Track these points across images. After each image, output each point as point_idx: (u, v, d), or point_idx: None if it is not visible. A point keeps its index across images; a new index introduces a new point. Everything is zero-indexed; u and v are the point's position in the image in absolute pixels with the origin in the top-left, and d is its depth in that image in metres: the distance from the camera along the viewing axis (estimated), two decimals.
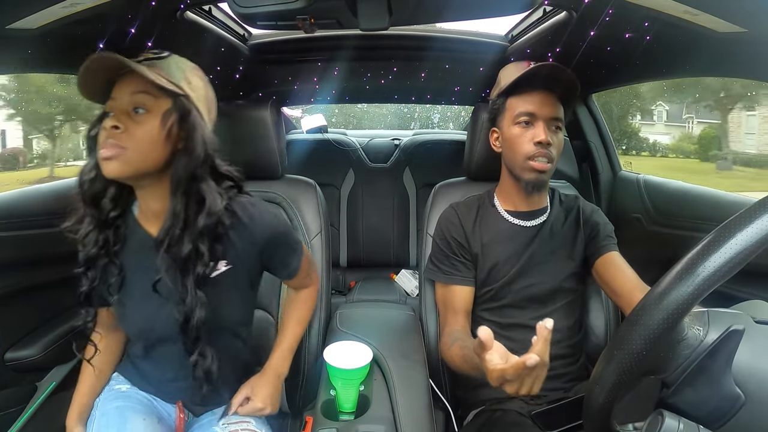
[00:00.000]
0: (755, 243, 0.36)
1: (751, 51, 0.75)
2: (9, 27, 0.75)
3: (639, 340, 0.40)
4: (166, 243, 0.66)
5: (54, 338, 1.10)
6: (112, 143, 0.62)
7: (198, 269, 0.67)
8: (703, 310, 0.45)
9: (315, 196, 1.11)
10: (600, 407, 0.44)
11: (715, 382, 0.41)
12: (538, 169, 0.86)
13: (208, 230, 0.67)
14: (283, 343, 0.87)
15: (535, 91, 0.88)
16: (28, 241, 1.05)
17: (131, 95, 0.65)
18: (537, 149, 0.86)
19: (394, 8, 0.73)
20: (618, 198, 1.41)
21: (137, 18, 0.87)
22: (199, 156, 0.66)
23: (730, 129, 4.93)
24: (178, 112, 0.66)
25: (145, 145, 0.64)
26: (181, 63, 0.70)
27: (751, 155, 4.72)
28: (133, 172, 0.65)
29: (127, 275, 0.72)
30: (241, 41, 1.29)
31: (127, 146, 0.63)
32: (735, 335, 0.41)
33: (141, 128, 0.64)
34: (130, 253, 0.73)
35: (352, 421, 0.78)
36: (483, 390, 0.91)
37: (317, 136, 2.21)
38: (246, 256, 0.75)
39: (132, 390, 0.81)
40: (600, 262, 0.90)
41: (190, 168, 0.66)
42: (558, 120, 0.88)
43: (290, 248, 0.82)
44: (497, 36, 1.37)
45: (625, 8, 0.77)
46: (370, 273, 2.03)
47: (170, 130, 0.65)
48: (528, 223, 0.94)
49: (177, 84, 0.66)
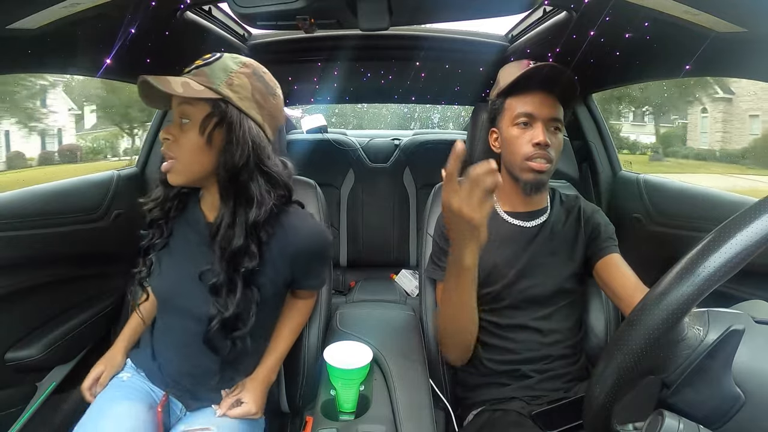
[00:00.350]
0: (755, 243, 0.36)
1: (751, 51, 0.75)
2: (9, 27, 0.75)
3: (639, 340, 0.40)
4: (220, 235, 0.69)
5: (54, 338, 1.10)
6: (167, 154, 0.69)
7: (247, 263, 0.70)
8: (703, 310, 0.45)
9: (315, 196, 1.11)
10: (600, 407, 0.44)
11: (714, 382, 0.41)
12: (537, 169, 0.86)
13: (257, 227, 0.70)
14: (277, 351, 0.86)
15: (533, 91, 0.87)
16: (28, 241, 1.05)
17: (177, 106, 0.69)
18: (535, 150, 0.86)
19: (394, 8, 0.73)
20: (618, 198, 1.40)
21: (137, 18, 0.87)
22: (241, 157, 0.68)
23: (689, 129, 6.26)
24: (217, 117, 0.68)
25: (189, 153, 0.68)
26: (228, 63, 0.71)
27: (703, 150, 6.06)
28: (186, 181, 0.71)
29: (173, 241, 0.79)
30: (241, 41, 1.29)
31: (176, 156, 0.69)
32: (735, 335, 0.41)
33: (185, 137, 0.68)
34: (182, 224, 0.79)
35: (352, 421, 0.78)
36: (483, 390, 0.91)
37: (317, 136, 2.21)
38: (279, 263, 0.76)
39: (132, 379, 0.83)
40: (601, 264, 0.89)
41: (230, 169, 0.68)
42: (557, 120, 0.87)
43: (321, 265, 0.86)
44: (497, 36, 1.37)
45: (625, 8, 0.77)
46: (370, 273, 2.03)
47: (210, 135, 0.68)
48: (527, 224, 0.93)
49: (215, 89, 0.68)
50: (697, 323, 0.44)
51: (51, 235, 1.10)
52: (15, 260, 1.03)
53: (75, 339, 1.15)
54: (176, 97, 0.67)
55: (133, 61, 1.09)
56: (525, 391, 0.86)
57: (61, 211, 1.13)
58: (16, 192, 1.09)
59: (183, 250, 0.78)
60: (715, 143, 6.02)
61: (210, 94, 0.67)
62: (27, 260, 1.06)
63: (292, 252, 0.76)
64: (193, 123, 0.68)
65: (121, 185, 1.31)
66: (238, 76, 0.70)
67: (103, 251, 1.26)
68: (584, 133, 1.48)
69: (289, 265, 0.77)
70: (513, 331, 0.90)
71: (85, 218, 1.19)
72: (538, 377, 0.87)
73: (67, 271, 1.17)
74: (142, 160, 1.45)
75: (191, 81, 0.67)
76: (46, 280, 1.11)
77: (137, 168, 1.44)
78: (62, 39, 0.85)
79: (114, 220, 1.27)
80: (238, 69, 0.71)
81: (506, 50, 1.34)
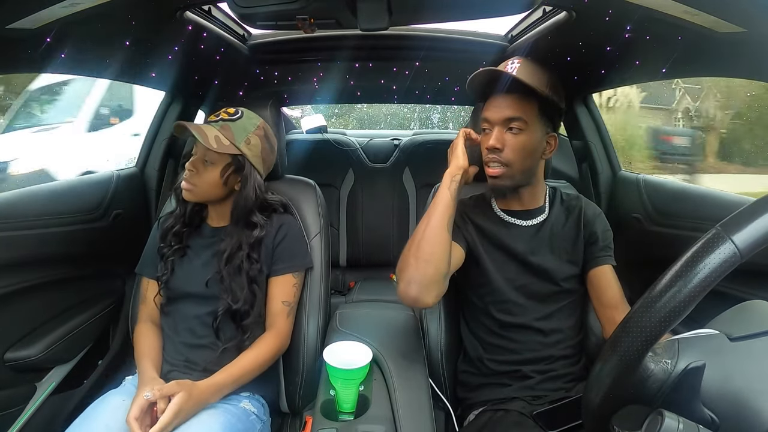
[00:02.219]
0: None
1: (751, 51, 0.75)
2: (9, 27, 0.75)
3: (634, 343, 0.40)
4: (227, 252, 0.90)
5: (54, 338, 1.10)
6: (188, 180, 0.90)
7: (248, 270, 0.91)
8: (674, 339, 0.45)
9: (315, 196, 1.11)
10: (597, 408, 0.44)
11: (686, 412, 0.41)
12: (491, 174, 0.87)
13: (257, 243, 0.93)
14: (228, 372, 0.83)
15: (493, 96, 0.88)
16: (28, 241, 1.05)
17: (204, 151, 0.90)
18: (487, 155, 0.87)
19: (393, 8, 0.73)
20: (618, 198, 1.40)
21: (137, 18, 0.87)
22: (251, 199, 0.92)
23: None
24: (235, 166, 0.92)
25: (207, 186, 0.91)
26: (248, 123, 0.93)
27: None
28: (199, 200, 0.95)
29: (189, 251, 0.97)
30: (241, 41, 1.29)
31: (196, 185, 0.90)
32: (695, 372, 0.42)
33: (207, 174, 0.91)
34: (194, 236, 0.98)
35: (352, 421, 0.78)
36: (485, 390, 0.91)
37: (317, 136, 2.21)
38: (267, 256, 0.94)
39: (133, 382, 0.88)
40: (593, 273, 0.91)
41: (244, 205, 0.92)
42: (515, 120, 0.85)
43: (293, 251, 0.97)
44: (497, 36, 1.37)
45: (625, 8, 0.76)
46: (370, 273, 2.02)
47: (227, 178, 0.92)
48: (526, 223, 0.93)
49: (237, 146, 0.90)
50: (666, 355, 0.44)
51: (51, 235, 1.10)
52: (15, 260, 1.03)
53: (75, 339, 1.15)
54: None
55: (133, 61, 1.09)
56: (526, 391, 0.87)
57: (61, 211, 1.13)
58: (16, 192, 1.09)
59: (194, 255, 0.96)
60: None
61: (234, 150, 0.90)
62: (27, 260, 1.06)
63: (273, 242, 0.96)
64: (215, 166, 0.90)
65: (121, 185, 1.31)
66: (254, 136, 0.94)
67: (103, 251, 1.25)
68: (584, 132, 1.48)
69: (271, 253, 0.95)
70: (514, 331, 0.90)
71: (84, 218, 1.19)
72: (539, 377, 0.87)
73: (66, 271, 1.17)
74: (142, 160, 1.45)
75: (221, 135, 0.89)
76: (46, 280, 1.11)
77: (137, 168, 1.44)
78: (62, 39, 0.85)
79: (113, 220, 1.27)
80: (254, 131, 0.94)
81: (506, 50, 1.34)
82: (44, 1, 0.70)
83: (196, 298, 0.92)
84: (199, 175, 0.90)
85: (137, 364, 0.89)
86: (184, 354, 0.91)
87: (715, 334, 0.46)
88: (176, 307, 0.94)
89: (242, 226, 0.92)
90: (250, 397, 0.90)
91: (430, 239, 0.79)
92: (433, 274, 0.77)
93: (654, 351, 0.43)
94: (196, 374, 0.87)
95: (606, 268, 0.91)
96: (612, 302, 0.88)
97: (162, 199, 1.44)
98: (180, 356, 0.91)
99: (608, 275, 0.90)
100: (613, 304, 0.88)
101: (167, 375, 0.89)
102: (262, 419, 0.89)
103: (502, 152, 0.85)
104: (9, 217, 1.01)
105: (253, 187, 0.92)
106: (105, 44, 0.95)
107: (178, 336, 0.92)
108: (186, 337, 0.92)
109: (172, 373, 0.89)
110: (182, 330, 0.92)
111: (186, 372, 0.88)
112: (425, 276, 0.77)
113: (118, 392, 0.86)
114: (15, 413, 1.04)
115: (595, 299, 0.91)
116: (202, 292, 0.91)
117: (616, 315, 0.87)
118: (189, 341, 0.91)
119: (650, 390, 0.43)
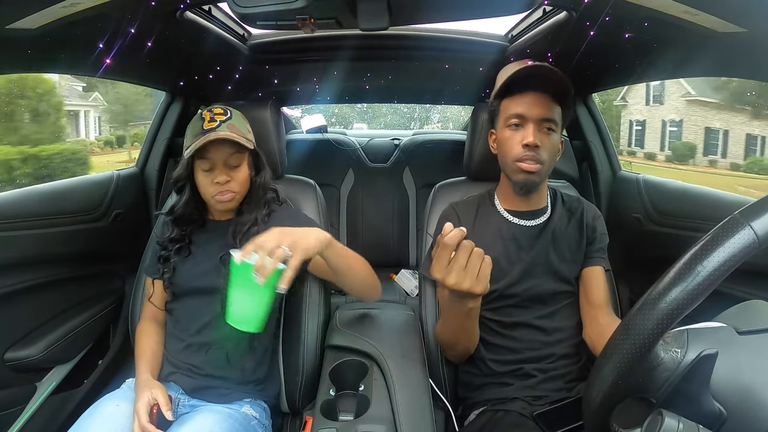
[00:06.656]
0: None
1: (751, 51, 0.75)
2: (9, 27, 0.75)
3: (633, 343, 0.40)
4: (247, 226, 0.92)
5: (54, 338, 1.10)
6: (229, 189, 0.91)
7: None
8: (683, 329, 0.45)
9: (315, 196, 1.11)
10: (598, 407, 0.44)
11: (694, 402, 0.41)
12: (526, 170, 0.86)
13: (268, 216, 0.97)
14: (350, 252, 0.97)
15: (525, 92, 0.87)
16: (28, 241, 1.05)
17: (228, 156, 0.90)
18: (524, 152, 0.86)
19: (394, 8, 0.73)
20: (618, 198, 1.40)
21: (137, 18, 0.87)
22: (269, 178, 0.99)
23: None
24: (252, 157, 0.97)
25: (243, 186, 0.94)
26: (237, 116, 0.95)
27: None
28: (238, 204, 0.96)
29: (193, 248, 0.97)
30: (241, 41, 1.29)
31: (236, 190, 0.92)
32: (708, 360, 0.41)
33: (239, 175, 0.93)
34: (199, 233, 0.99)
35: (352, 421, 0.78)
36: (486, 390, 0.91)
37: (317, 136, 2.21)
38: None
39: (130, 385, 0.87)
40: (585, 271, 0.93)
41: (265, 185, 0.98)
42: (549, 121, 0.86)
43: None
44: (497, 36, 1.37)
45: (625, 8, 0.76)
46: None
47: (254, 167, 0.97)
48: (529, 223, 0.94)
49: (249, 138, 0.94)
50: (675, 345, 0.43)
51: (51, 235, 1.10)
52: (15, 260, 1.03)
53: (75, 339, 1.15)
54: (225, 149, 0.89)
55: (133, 61, 1.09)
56: (527, 391, 0.87)
57: (61, 211, 1.13)
58: (16, 192, 1.09)
59: (201, 251, 0.96)
60: None
61: (252, 144, 0.95)
62: (27, 260, 1.06)
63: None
64: (240, 166, 0.93)
65: (121, 185, 1.31)
66: (247, 122, 0.98)
67: (103, 251, 1.26)
68: (584, 132, 1.48)
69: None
70: (516, 329, 0.90)
71: (84, 218, 1.19)
72: (540, 377, 0.87)
73: (67, 271, 1.17)
74: (142, 159, 1.45)
75: (237, 136, 0.90)
76: (46, 280, 1.11)
77: (137, 168, 1.44)
78: (62, 39, 0.85)
79: (114, 220, 1.27)
80: (244, 118, 0.97)
81: (506, 50, 1.34)
82: (44, 1, 0.71)
83: (203, 292, 0.92)
84: (234, 181, 0.92)
85: (135, 364, 0.89)
86: (188, 355, 0.90)
87: (723, 327, 0.45)
88: (182, 304, 0.94)
89: (255, 205, 0.97)
90: (252, 402, 0.90)
91: (459, 339, 0.89)
92: (469, 349, 0.91)
93: (664, 340, 0.43)
94: (199, 378, 0.87)
95: (597, 268, 0.93)
96: (597, 302, 0.90)
97: (162, 199, 1.44)
98: (184, 357, 0.90)
99: (598, 275, 0.92)
100: (597, 305, 0.90)
101: (168, 377, 0.88)
102: (263, 423, 0.89)
103: (539, 149, 0.86)
104: (9, 217, 1.01)
105: (265, 166, 0.99)
106: (105, 44, 0.95)
107: (184, 334, 0.92)
108: (192, 337, 0.91)
109: (173, 375, 0.89)
110: (188, 328, 0.92)
111: (188, 375, 0.88)
112: (463, 353, 0.92)
113: (113, 396, 0.85)
114: (15, 413, 1.04)
115: (583, 297, 0.93)
116: (209, 285, 0.90)
117: (600, 316, 0.88)
118: (195, 341, 0.90)
119: (659, 380, 0.43)
